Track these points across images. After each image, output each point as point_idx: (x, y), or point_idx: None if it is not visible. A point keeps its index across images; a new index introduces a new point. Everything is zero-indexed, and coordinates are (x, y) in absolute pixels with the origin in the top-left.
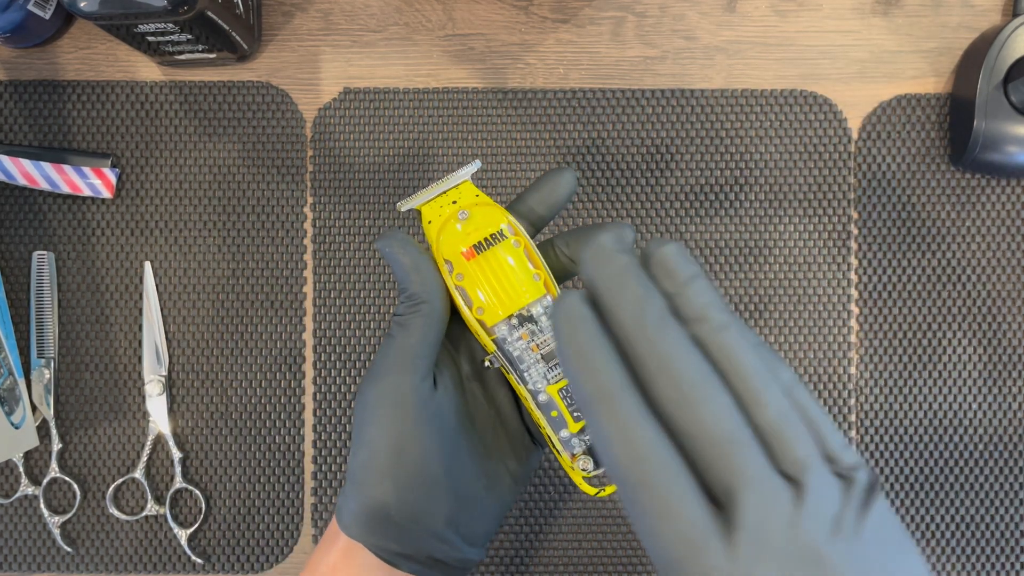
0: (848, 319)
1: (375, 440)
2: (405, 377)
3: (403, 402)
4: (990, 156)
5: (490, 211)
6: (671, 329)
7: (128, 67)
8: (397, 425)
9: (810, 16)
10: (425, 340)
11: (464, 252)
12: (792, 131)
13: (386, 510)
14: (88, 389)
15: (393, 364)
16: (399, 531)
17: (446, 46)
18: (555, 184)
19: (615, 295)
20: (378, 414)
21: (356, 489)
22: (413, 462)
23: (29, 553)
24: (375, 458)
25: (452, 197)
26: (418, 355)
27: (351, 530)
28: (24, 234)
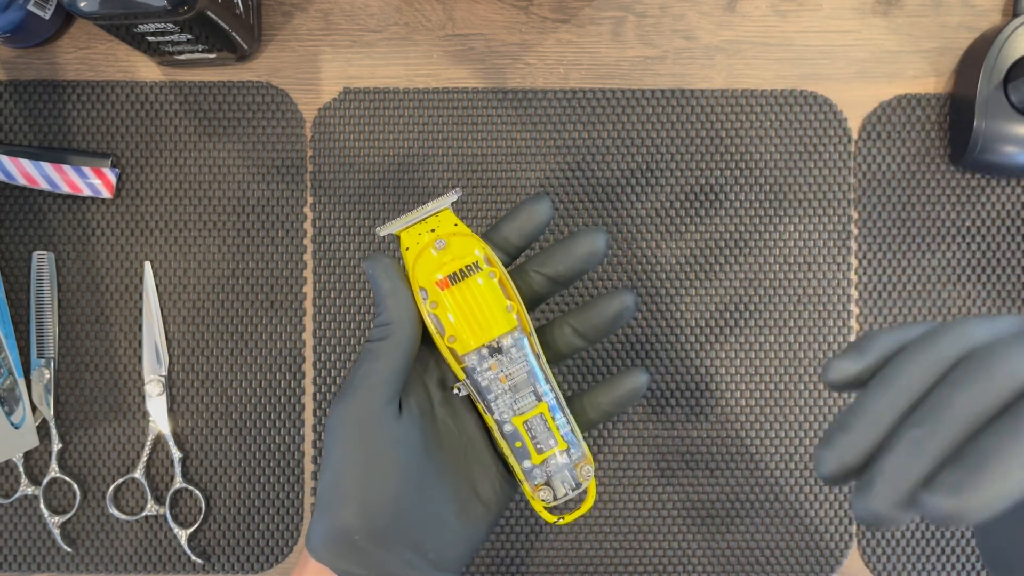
0: (848, 319)
1: (339, 463)
2: (370, 402)
3: (367, 426)
4: (990, 156)
5: (467, 241)
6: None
7: (128, 67)
8: (361, 449)
9: (810, 16)
10: (391, 366)
11: (439, 281)
12: (792, 131)
13: (351, 534)
14: (88, 389)
15: (359, 388)
16: (365, 555)
17: (446, 46)
18: (531, 213)
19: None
20: (342, 438)
21: (322, 513)
22: (377, 486)
23: (29, 553)
24: (339, 482)
25: (431, 225)
26: (384, 381)
27: (318, 554)
28: (24, 234)
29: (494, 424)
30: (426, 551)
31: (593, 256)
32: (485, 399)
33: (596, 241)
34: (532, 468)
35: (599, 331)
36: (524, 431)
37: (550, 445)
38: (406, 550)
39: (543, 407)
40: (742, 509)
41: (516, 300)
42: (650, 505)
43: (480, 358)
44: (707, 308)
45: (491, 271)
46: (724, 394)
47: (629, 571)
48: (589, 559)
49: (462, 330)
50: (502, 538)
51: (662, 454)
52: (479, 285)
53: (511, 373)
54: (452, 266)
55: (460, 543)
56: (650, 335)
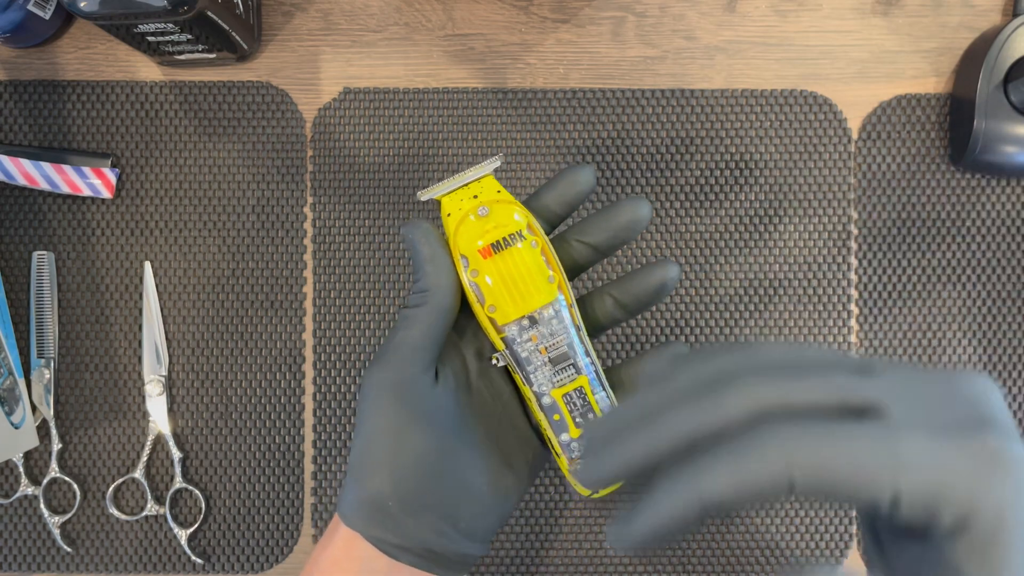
0: (848, 319)
1: (373, 431)
2: (405, 369)
3: (402, 394)
4: (990, 156)
5: (511, 209)
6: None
7: (128, 67)
8: (395, 417)
9: (810, 16)
10: (429, 334)
11: (481, 249)
12: (792, 131)
13: (383, 501)
14: (88, 389)
15: (394, 355)
16: (396, 523)
17: (446, 46)
18: (573, 181)
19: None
20: (377, 405)
21: (354, 480)
22: (410, 454)
23: (29, 553)
24: (372, 449)
25: (474, 191)
26: (420, 347)
27: (350, 520)
28: (24, 234)
29: (532, 396)
30: (457, 520)
31: (636, 224)
32: (524, 371)
33: (639, 209)
34: (570, 441)
35: (641, 302)
36: (563, 404)
37: (590, 419)
38: (438, 519)
39: (583, 380)
40: (741, 509)
41: (558, 270)
42: None
43: (520, 329)
44: (707, 308)
45: (533, 240)
46: None
47: (629, 571)
48: (589, 559)
49: (502, 300)
50: (501, 538)
51: None
52: (521, 254)
53: (551, 345)
54: (494, 234)
55: (490, 513)
56: (649, 335)
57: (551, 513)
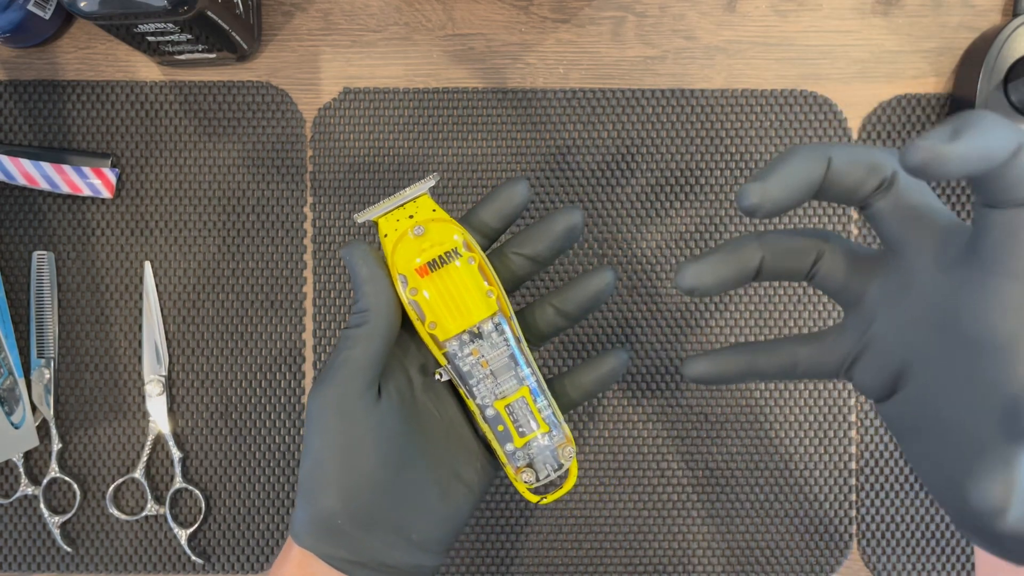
0: None
1: (319, 450)
2: (348, 387)
3: (345, 412)
4: None
5: (446, 227)
6: None
7: (128, 67)
8: (340, 434)
9: (810, 16)
10: (369, 352)
11: (418, 268)
12: (792, 131)
13: (333, 518)
14: (88, 389)
15: (337, 374)
16: (348, 539)
17: (446, 46)
18: (509, 195)
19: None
20: (321, 424)
21: (304, 499)
22: (358, 470)
23: (29, 553)
24: (320, 467)
25: (409, 211)
26: (362, 366)
27: (301, 539)
28: (24, 234)
29: (476, 408)
30: (409, 533)
31: (571, 233)
32: (467, 384)
33: (572, 218)
34: (514, 451)
35: (581, 308)
36: (506, 415)
37: (532, 428)
38: (389, 533)
39: (524, 391)
40: (742, 509)
41: (496, 284)
42: (650, 505)
43: (461, 343)
44: (707, 307)
45: (470, 256)
46: (724, 394)
47: (629, 571)
48: (589, 559)
49: (442, 316)
50: (501, 538)
51: (662, 454)
52: (458, 271)
53: (492, 358)
54: (431, 252)
55: (443, 524)
56: (649, 335)
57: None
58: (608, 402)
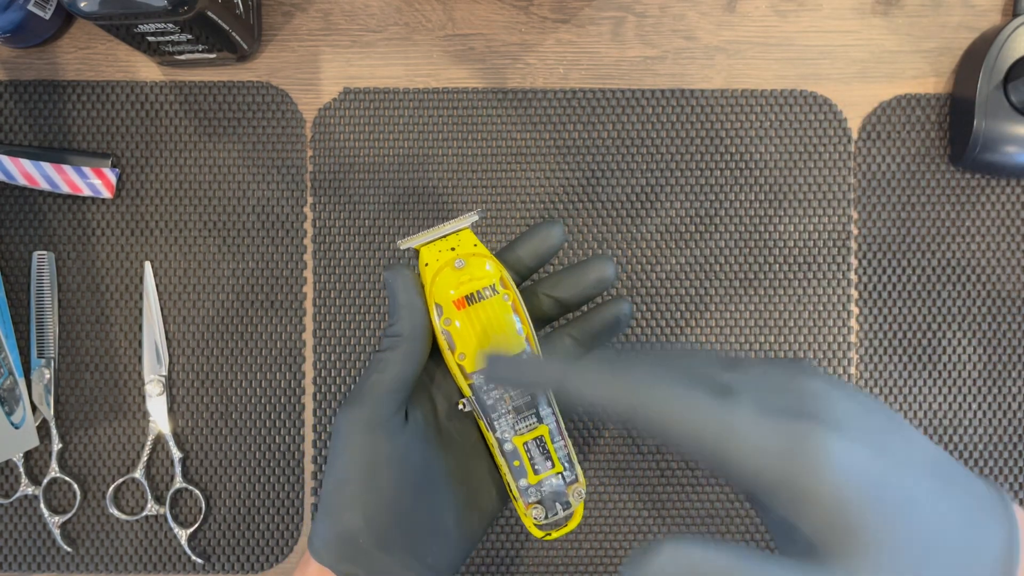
0: (848, 319)
1: (345, 469)
2: (378, 410)
3: (374, 434)
4: (990, 156)
5: (485, 263)
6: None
7: (128, 67)
8: (367, 455)
9: (810, 16)
10: (400, 377)
11: (455, 300)
12: (792, 131)
13: (355, 536)
14: (88, 389)
15: (368, 397)
16: (367, 558)
17: (446, 46)
18: (545, 237)
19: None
20: (350, 443)
21: (326, 515)
22: (382, 492)
23: (29, 553)
24: (345, 486)
25: (452, 243)
26: (392, 390)
27: (321, 556)
28: (24, 234)
29: (495, 442)
30: (425, 555)
31: (601, 283)
32: (488, 417)
33: (606, 269)
34: (527, 487)
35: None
36: (523, 451)
37: (547, 467)
38: (406, 555)
39: (543, 429)
40: (742, 509)
41: (527, 323)
42: (650, 505)
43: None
44: (707, 307)
45: (505, 294)
46: None
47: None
48: (589, 559)
49: (472, 348)
50: (502, 538)
51: (662, 454)
52: (493, 306)
53: (516, 394)
54: (469, 287)
55: (457, 549)
56: (651, 335)
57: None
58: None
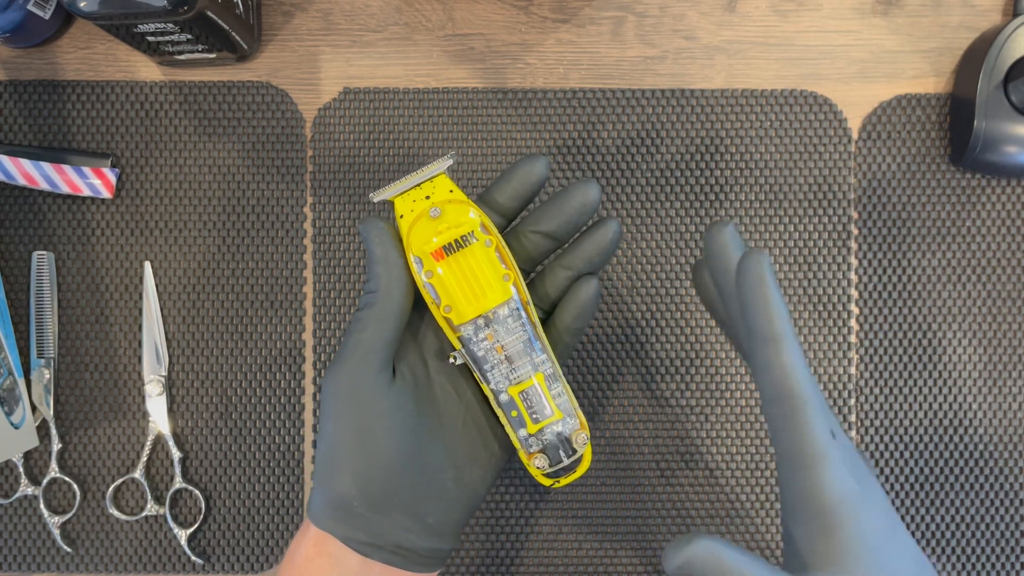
0: (848, 319)
1: (333, 433)
2: (361, 371)
3: (358, 395)
4: (990, 156)
5: (463, 209)
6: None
7: (128, 67)
8: (354, 418)
9: (810, 16)
10: (380, 335)
11: (434, 251)
12: (792, 131)
13: (349, 501)
14: (88, 389)
15: (349, 358)
16: (364, 521)
17: (446, 46)
18: (526, 174)
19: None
20: (335, 407)
21: (320, 482)
22: (372, 454)
23: (29, 553)
24: (334, 451)
25: (426, 191)
26: (373, 349)
27: (320, 521)
28: (24, 234)
29: (490, 393)
30: (425, 515)
31: (586, 208)
32: (481, 369)
33: (589, 192)
34: (528, 437)
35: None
36: (520, 401)
37: (546, 415)
38: (405, 516)
39: (539, 377)
40: (742, 509)
41: (513, 269)
42: (650, 505)
43: (476, 328)
44: None
45: (487, 239)
46: (724, 394)
47: (629, 571)
48: (589, 559)
49: (458, 300)
50: (502, 538)
51: (662, 454)
52: (475, 254)
53: (508, 343)
54: (448, 235)
55: (458, 508)
56: (649, 335)
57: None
58: (609, 402)
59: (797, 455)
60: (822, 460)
